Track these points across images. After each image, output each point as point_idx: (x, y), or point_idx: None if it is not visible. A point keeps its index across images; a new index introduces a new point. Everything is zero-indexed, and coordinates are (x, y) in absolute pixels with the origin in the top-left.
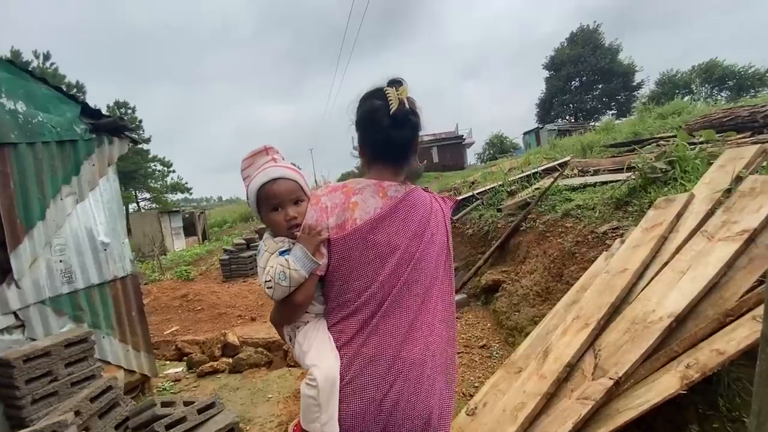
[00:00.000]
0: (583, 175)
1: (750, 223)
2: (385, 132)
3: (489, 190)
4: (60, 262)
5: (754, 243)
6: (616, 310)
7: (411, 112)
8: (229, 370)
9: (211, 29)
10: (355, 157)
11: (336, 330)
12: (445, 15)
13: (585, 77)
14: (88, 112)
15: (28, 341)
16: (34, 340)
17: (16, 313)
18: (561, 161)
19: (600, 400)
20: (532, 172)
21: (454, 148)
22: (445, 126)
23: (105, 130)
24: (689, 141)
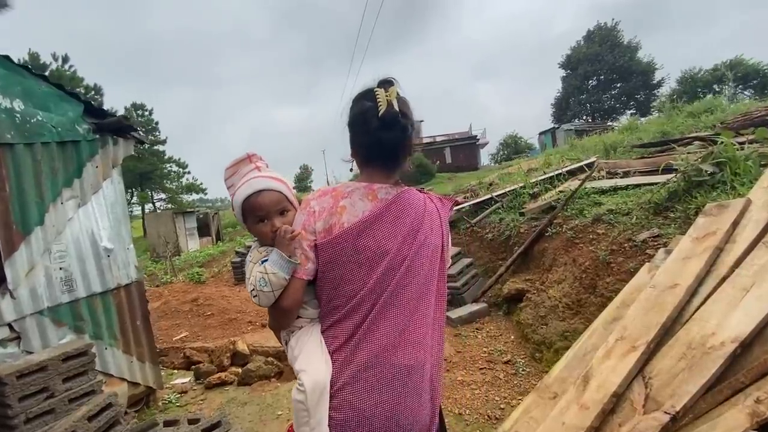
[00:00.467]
0: (611, 177)
1: None
2: (374, 134)
3: (509, 192)
4: (60, 269)
5: None
6: (668, 331)
7: (401, 113)
8: (237, 382)
9: (227, 32)
10: (345, 162)
11: (328, 335)
12: (458, 15)
13: (603, 76)
14: (91, 111)
15: (24, 354)
16: (31, 353)
17: (11, 324)
18: (587, 162)
19: None
20: (556, 173)
21: (468, 148)
22: (459, 126)
23: (109, 130)
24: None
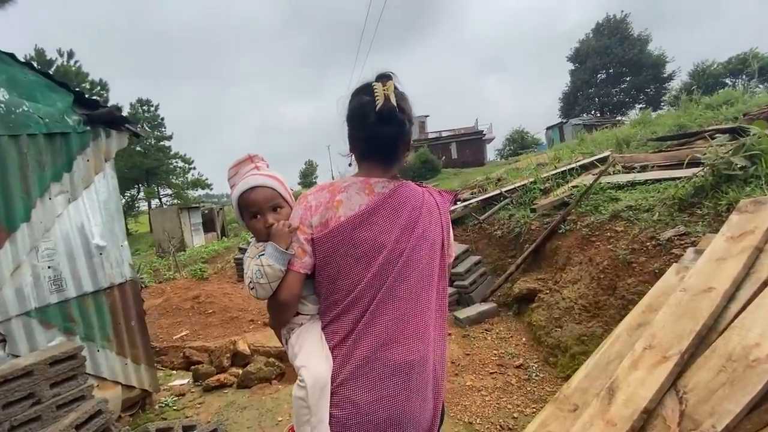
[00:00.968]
0: (628, 172)
1: None
2: (372, 129)
3: (519, 187)
4: (48, 268)
5: None
6: (703, 340)
7: (398, 108)
8: (237, 384)
9: (233, 28)
10: (343, 156)
11: (329, 331)
12: (465, 8)
13: (612, 69)
14: (82, 101)
15: (10, 358)
16: (17, 357)
17: None
18: (600, 156)
19: None
20: (568, 168)
21: (474, 143)
22: (465, 121)
23: (102, 121)
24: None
